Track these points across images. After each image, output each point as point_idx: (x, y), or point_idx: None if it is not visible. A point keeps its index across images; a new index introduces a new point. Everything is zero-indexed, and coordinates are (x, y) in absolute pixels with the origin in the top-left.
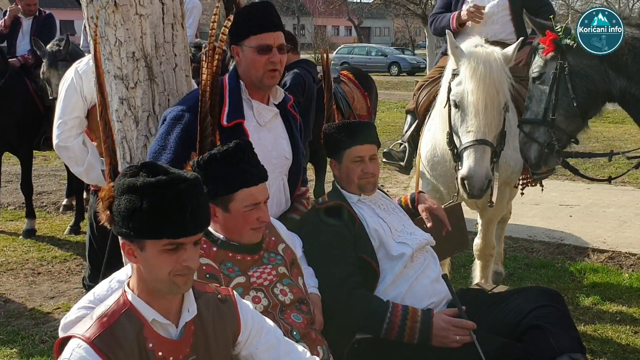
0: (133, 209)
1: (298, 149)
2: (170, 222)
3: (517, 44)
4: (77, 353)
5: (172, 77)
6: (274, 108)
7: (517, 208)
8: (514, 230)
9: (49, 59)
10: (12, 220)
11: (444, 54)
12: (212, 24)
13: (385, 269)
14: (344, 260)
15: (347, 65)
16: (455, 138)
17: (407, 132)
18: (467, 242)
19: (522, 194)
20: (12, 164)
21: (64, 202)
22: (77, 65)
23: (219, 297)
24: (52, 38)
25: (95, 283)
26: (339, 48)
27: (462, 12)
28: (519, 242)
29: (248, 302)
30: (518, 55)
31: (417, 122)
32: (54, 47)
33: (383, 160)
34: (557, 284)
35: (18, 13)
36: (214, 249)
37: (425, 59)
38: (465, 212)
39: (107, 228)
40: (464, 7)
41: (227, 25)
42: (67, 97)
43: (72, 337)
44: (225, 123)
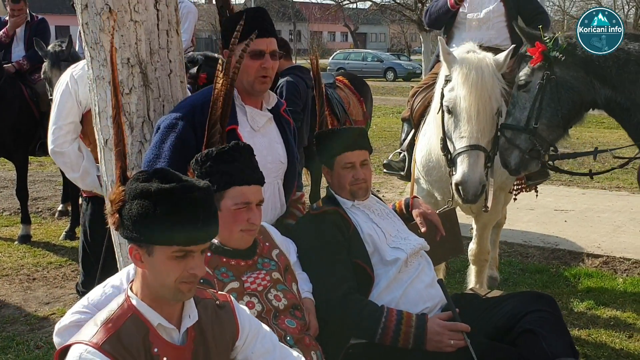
0: (145, 214)
1: (293, 153)
2: (182, 229)
3: (509, 51)
4: (85, 357)
5: (167, 83)
6: (268, 113)
7: (512, 213)
8: (509, 236)
9: (52, 59)
10: (7, 226)
11: (439, 60)
12: (233, 40)
13: (380, 274)
14: (339, 266)
15: (343, 71)
16: (449, 144)
17: (404, 140)
18: (461, 247)
19: (514, 200)
20: (7, 170)
21: (60, 207)
22: (72, 70)
23: (217, 303)
24: (46, 43)
25: (89, 289)
26: (335, 54)
27: None
28: (514, 247)
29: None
30: (511, 62)
31: (413, 129)
32: (56, 47)
33: (384, 171)
34: (551, 289)
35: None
36: (208, 254)
37: (421, 65)
38: (460, 217)
39: (101, 235)
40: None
41: (236, 36)
42: (62, 102)
43: (75, 344)
44: None
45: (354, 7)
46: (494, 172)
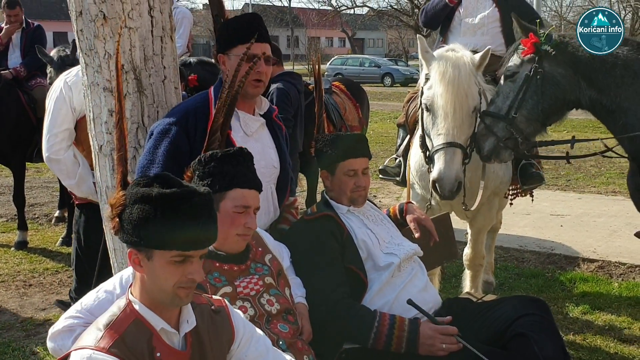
0: (146, 219)
1: (285, 159)
2: (182, 234)
3: (486, 50)
4: (95, 358)
5: (161, 89)
6: (260, 118)
7: (508, 218)
8: (505, 240)
9: (58, 63)
10: (4, 232)
11: None
12: (241, 59)
13: (373, 279)
14: (332, 271)
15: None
16: (428, 141)
17: (400, 146)
18: (456, 252)
19: (510, 205)
20: (4, 176)
21: (56, 213)
22: (65, 77)
23: (213, 308)
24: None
25: (81, 296)
26: (333, 59)
27: None
28: (510, 251)
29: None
30: (489, 61)
31: (408, 135)
32: (61, 52)
33: (379, 177)
34: (547, 294)
35: (15, 31)
36: None
37: (419, 70)
38: (455, 222)
39: (94, 241)
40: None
41: (243, 58)
42: (56, 108)
43: (79, 349)
44: None
45: (352, 12)
46: (487, 176)
